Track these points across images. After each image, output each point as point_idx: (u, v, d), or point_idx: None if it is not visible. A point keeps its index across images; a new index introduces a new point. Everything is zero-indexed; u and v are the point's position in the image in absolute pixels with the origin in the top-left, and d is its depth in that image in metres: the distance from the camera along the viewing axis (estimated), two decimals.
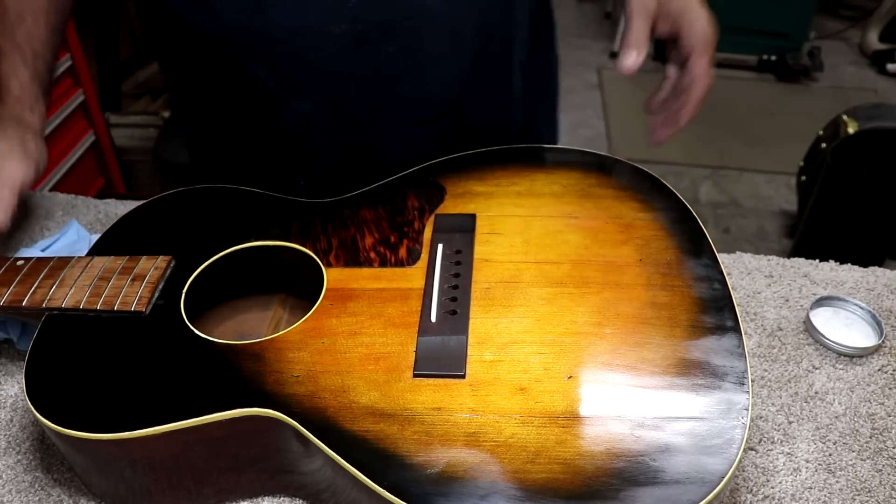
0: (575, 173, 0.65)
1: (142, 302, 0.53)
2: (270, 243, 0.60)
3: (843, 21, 3.21)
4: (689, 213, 0.60)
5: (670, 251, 0.57)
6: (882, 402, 0.59)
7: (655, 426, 0.44)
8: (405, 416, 0.45)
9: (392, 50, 0.68)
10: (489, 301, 0.53)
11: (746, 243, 2.08)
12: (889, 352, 0.64)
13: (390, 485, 0.42)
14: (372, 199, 0.63)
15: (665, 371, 0.48)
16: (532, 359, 0.49)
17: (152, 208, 0.64)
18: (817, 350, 0.64)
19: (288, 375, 0.48)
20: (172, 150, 1.41)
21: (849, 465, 0.54)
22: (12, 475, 0.54)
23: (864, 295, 0.69)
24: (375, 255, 0.58)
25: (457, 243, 0.58)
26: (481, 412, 0.45)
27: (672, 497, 0.41)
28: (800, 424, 0.57)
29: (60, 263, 0.57)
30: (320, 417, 0.46)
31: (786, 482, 0.53)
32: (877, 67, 2.94)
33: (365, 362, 0.49)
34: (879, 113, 1.83)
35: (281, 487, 0.52)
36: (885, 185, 1.66)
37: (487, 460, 0.43)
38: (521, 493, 0.41)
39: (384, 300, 0.54)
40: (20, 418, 0.58)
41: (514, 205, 0.62)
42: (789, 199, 2.21)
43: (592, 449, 0.43)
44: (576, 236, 0.58)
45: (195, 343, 0.51)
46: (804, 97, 2.73)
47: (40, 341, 0.51)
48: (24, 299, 0.54)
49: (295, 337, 0.51)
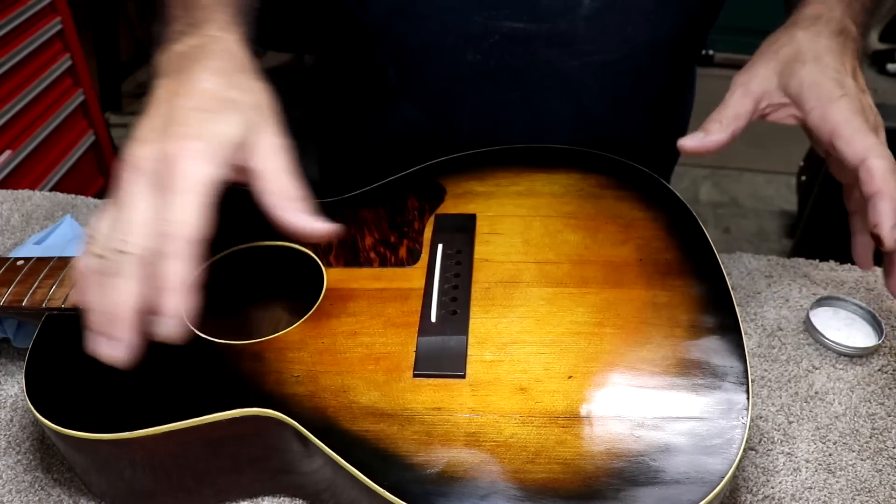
0: (575, 173, 0.65)
1: None
2: (270, 243, 0.60)
3: None
4: (689, 213, 0.60)
5: (670, 251, 0.57)
6: (882, 402, 0.59)
7: (655, 426, 0.44)
8: (405, 416, 0.45)
9: (514, 97, 0.70)
10: (489, 301, 0.53)
11: (746, 243, 2.08)
12: (889, 352, 0.64)
13: (390, 485, 0.42)
14: (372, 199, 0.63)
15: (665, 371, 0.48)
16: (532, 359, 0.49)
17: None
18: (817, 350, 0.64)
19: (288, 375, 0.48)
20: None
21: (849, 465, 0.54)
22: (12, 475, 0.54)
23: (864, 295, 0.69)
24: (375, 255, 0.58)
25: (457, 243, 0.58)
26: (481, 412, 0.46)
27: (672, 497, 0.41)
28: (800, 424, 0.57)
29: (60, 263, 0.57)
30: (320, 417, 0.46)
31: (786, 482, 0.53)
32: (877, 67, 2.93)
33: (365, 362, 0.49)
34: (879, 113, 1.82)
35: (281, 487, 0.52)
36: None
37: (487, 460, 0.43)
38: (521, 493, 0.41)
39: (384, 300, 0.54)
40: (20, 418, 0.58)
41: (514, 205, 0.62)
42: (789, 199, 2.21)
43: (592, 449, 0.43)
44: (576, 236, 0.58)
45: (195, 343, 0.51)
46: None
47: (40, 341, 0.51)
48: (24, 299, 0.54)
49: (295, 337, 0.51)
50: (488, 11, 0.65)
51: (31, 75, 1.56)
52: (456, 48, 0.67)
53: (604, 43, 0.67)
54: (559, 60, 0.67)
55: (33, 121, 1.58)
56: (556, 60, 0.67)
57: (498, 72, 0.68)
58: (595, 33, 0.66)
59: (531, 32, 0.66)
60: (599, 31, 0.66)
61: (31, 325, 0.60)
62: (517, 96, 0.70)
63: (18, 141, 1.53)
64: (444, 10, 0.65)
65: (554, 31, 0.66)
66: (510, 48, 0.66)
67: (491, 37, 0.66)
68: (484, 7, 0.65)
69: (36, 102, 1.58)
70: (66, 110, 1.68)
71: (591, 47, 0.67)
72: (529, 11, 0.65)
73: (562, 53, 0.67)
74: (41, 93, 1.58)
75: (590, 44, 0.67)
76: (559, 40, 0.66)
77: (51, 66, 1.61)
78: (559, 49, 0.67)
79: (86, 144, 1.77)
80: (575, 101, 0.71)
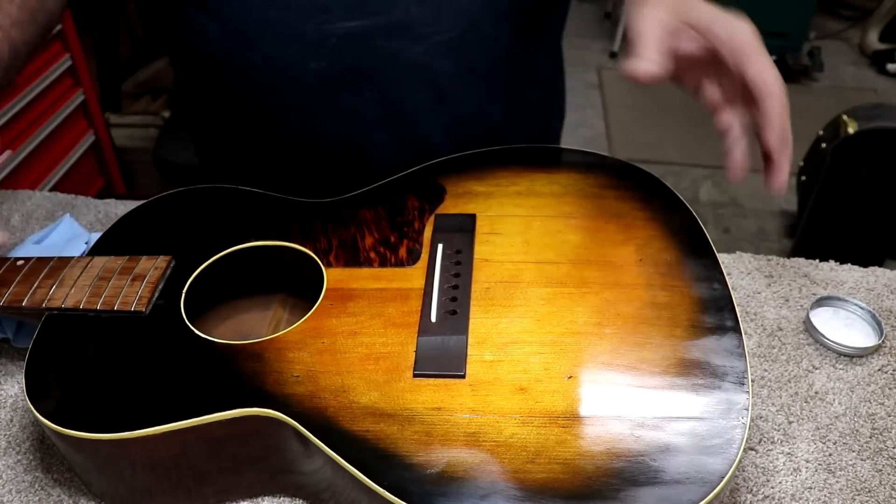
0: (575, 173, 0.65)
1: (142, 302, 0.53)
2: (270, 243, 0.60)
3: (843, 21, 3.21)
4: (689, 213, 0.60)
5: (670, 251, 0.57)
6: (882, 402, 0.59)
7: (655, 426, 0.44)
8: (405, 416, 0.45)
9: (369, 96, 0.68)
10: (489, 301, 0.53)
11: (746, 243, 2.08)
12: (889, 352, 0.64)
13: (390, 485, 0.42)
14: (372, 199, 0.63)
15: (665, 371, 0.48)
16: (532, 359, 0.49)
17: (152, 208, 0.64)
18: (817, 350, 0.64)
19: (288, 375, 0.48)
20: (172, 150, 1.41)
21: (849, 465, 0.54)
22: (12, 475, 0.54)
23: (864, 295, 0.69)
24: (375, 255, 0.58)
25: (457, 243, 0.58)
26: (481, 412, 0.45)
27: (672, 497, 0.41)
28: (800, 424, 0.57)
29: (60, 263, 0.57)
30: (320, 417, 0.46)
31: (786, 482, 0.53)
32: (877, 67, 2.94)
33: (365, 362, 0.49)
34: (879, 113, 1.83)
35: (281, 487, 0.52)
36: (885, 185, 1.66)
37: (487, 460, 0.43)
38: (521, 493, 0.41)
39: (384, 300, 0.54)
40: (20, 418, 0.58)
41: (514, 205, 0.62)
42: (789, 199, 2.21)
43: (592, 449, 0.43)
44: (576, 236, 0.58)
45: (195, 343, 0.51)
46: (804, 97, 2.74)
47: (40, 341, 0.51)
48: (24, 299, 0.54)
49: (295, 337, 0.51)
50: (320, 16, 0.64)
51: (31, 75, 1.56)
52: (297, 60, 0.66)
53: (443, 21, 0.66)
54: (403, 50, 0.66)
55: (33, 121, 1.58)
56: (399, 51, 0.66)
57: (345, 75, 0.67)
58: (430, 13, 0.65)
59: (367, 28, 0.65)
60: (434, 9, 0.65)
61: (30, 325, 0.60)
62: (371, 95, 0.69)
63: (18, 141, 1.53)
64: (276, 25, 0.65)
65: (390, 21, 0.65)
66: (351, 49, 0.66)
67: (328, 41, 0.65)
68: (314, 12, 0.64)
69: (36, 102, 1.57)
70: (66, 110, 1.68)
71: (431, 29, 0.66)
72: (360, 8, 0.64)
73: (404, 42, 0.66)
74: (41, 93, 1.58)
75: (429, 25, 0.66)
76: (397, 29, 0.65)
77: (51, 66, 1.61)
78: (400, 38, 0.66)
79: (86, 144, 1.77)
80: (430, 86, 0.69)
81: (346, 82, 0.67)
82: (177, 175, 1.46)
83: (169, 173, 1.50)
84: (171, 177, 1.49)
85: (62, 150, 1.69)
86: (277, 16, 0.64)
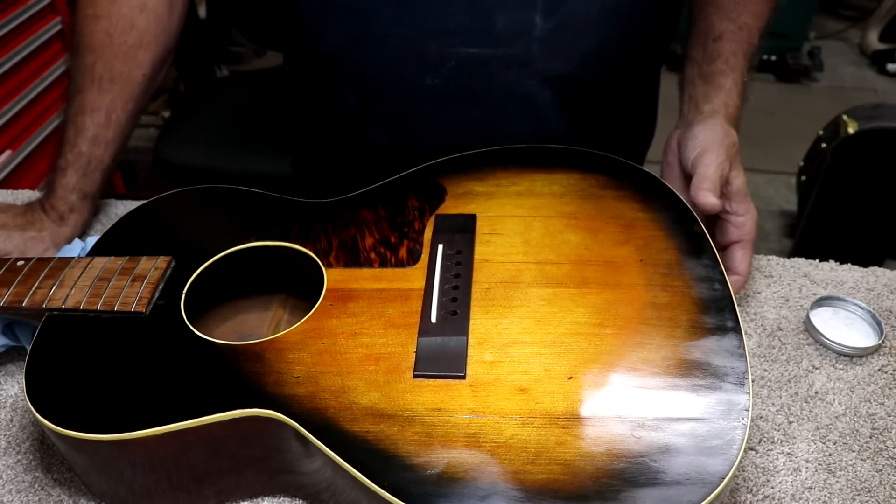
0: (575, 173, 0.65)
1: (142, 302, 0.53)
2: (270, 243, 0.60)
3: (843, 21, 3.21)
4: (689, 213, 0.60)
5: (670, 251, 0.57)
6: (882, 402, 0.59)
7: (656, 427, 0.44)
8: (405, 416, 0.45)
9: (476, 116, 0.71)
10: (489, 301, 0.53)
11: None
12: (889, 352, 0.64)
13: (391, 486, 0.42)
14: (372, 199, 0.63)
15: (665, 372, 0.48)
16: (532, 359, 0.49)
17: (152, 208, 0.64)
18: (817, 350, 0.64)
19: (288, 376, 0.48)
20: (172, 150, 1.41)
21: (849, 465, 0.54)
22: (12, 475, 0.54)
23: (864, 295, 0.69)
24: (376, 256, 0.58)
25: (457, 243, 0.58)
26: (482, 413, 0.45)
27: (672, 498, 0.41)
28: (800, 424, 0.57)
29: (60, 264, 0.57)
30: (320, 418, 0.46)
31: (786, 482, 0.53)
32: (877, 67, 2.93)
33: (365, 363, 0.49)
34: (879, 113, 1.82)
35: (281, 488, 0.52)
36: (885, 185, 1.66)
37: (488, 461, 0.43)
38: (521, 494, 0.41)
39: (384, 301, 0.54)
40: (20, 418, 0.58)
41: (514, 205, 0.62)
42: (789, 199, 2.21)
43: (593, 450, 0.43)
44: (576, 236, 0.58)
45: (195, 343, 0.51)
46: (804, 97, 2.73)
47: (40, 342, 0.51)
48: (24, 300, 0.54)
49: (295, 337, 0.51)
50: (444, 39, 0.66)
51: (31, 75, 1.55)
52: (414, 74, 0.69)
53: (558, 59, 0.68)
54: (517, 80, 0.69)
55: (33, 121, 1.58)
56: (513, 81, 0.69)
57: (457, 94, 0.70)
58: (549, 52, 0.68)
59: (487, 57, 0.67)
60: (553, 49, 0.68)
61: (30, 325, 0.60)
62: (477, 115, 0.71)
63: (18, 141, 1.53)
64: (400, 40, 0.67)
65: (510, 54, 0.67)
66: (468, 72, 0.68)
67: (448, 62, 0.67)
68: (439, 35, 0.66)
69: (36, 102, 1.57)
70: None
71: (545, 65, 0.69)
72: (484, 37, 0.66)
73: (519, 74, 0.69)
74: (41, 93, 1.58)
75: (545, 62, 0.68)
76: (515, 62, 0.68)
77: (51, 66, 1.61)
78: (516, 70, 0.68)
79: None
80: (533, 116, 0.72)
81: (457, 101, 0.70)
82: (177, 175, 1.46)
83: (169, 173, 1.50)
84: (171, 177, 1.49)
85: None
86: (404, 31, 0.66)
